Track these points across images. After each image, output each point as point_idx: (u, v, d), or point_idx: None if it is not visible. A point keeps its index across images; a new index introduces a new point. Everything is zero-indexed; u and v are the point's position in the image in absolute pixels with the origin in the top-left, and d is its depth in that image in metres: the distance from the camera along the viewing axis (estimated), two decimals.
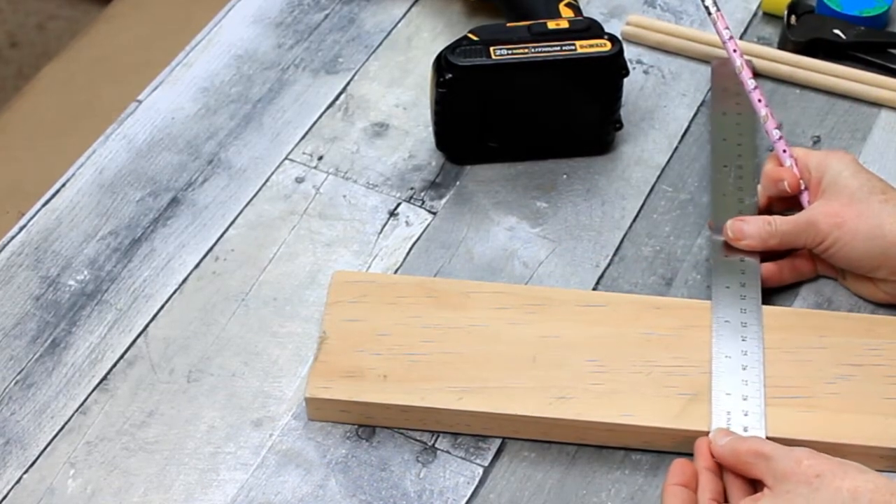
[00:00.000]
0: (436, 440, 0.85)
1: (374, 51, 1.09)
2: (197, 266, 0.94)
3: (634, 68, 1.07)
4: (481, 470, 0.84)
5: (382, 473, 0.84)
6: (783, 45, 1.08)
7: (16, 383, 0.88)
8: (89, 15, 1.97)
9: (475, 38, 0.96)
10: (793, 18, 1.08)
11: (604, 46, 0.96)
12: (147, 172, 1.00)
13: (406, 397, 0.84)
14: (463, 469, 0.84)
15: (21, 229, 0.97)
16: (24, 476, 0.84)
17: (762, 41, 1.10)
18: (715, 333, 0.87)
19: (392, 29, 1.11)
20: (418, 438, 0.85)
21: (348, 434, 0.85)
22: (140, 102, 1.05)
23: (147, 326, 0.91)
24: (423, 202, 0.99)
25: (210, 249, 0.96)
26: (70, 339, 0.90)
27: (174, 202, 0.98)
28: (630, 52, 1.06)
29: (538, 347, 0.87)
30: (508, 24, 0.98)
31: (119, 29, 1.16)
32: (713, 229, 0.93)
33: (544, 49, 0.95)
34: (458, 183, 1.00)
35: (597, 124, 1.00)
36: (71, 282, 0.93)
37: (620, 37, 1.05)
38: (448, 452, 0.85)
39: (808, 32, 1.07)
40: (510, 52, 0.95)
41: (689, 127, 1.04)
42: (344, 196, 0.99)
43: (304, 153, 1.02)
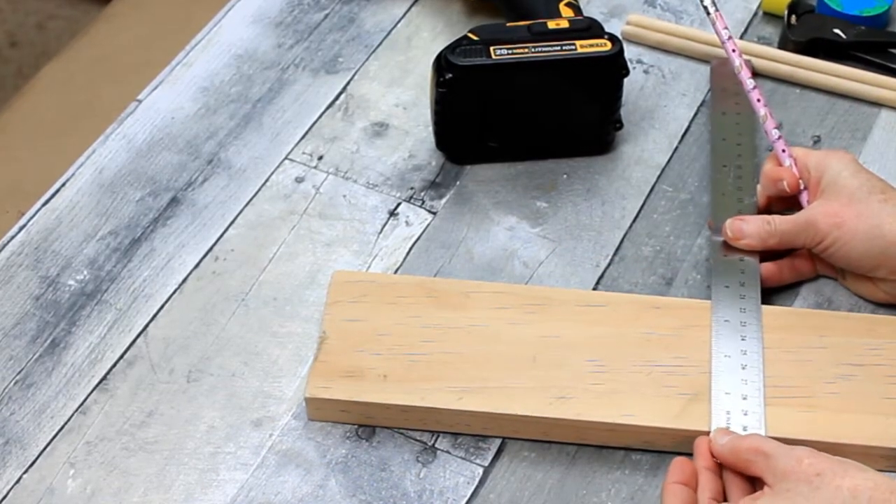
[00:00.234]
0: (436, 440, 0.85)
1: (374, 50, 1.09)
2: (197, 266, 0.94)
3: (634, 68, 1.07)
4: (481, 470, 0.84)
5: (382, 473, 0.84)
6: (783, 45, 1.08)
7: (15, 383, 0.88)
8: (89, 14, 1.97)
9: (475, 38, 0.96)
10: (793, 18, 1.08)
11: (604, 46, 0.95)
12: (147, 172, 1.00)
13: (406, 397, 0.84)
14: (463, 469, 0.84)
15: (21, 229, 0.97)
16: (24, 476, 0.84)
17: (762, 41, 1.09)
18: (714, 333, 0.87)
19: (392, 28, 1.11)
20: (418, 438, 0.85)
21: (348, 434, 0.85)
22: (140, 102, 1.05)
23: (147, 326, 0.91)
24: (423, 202, 0.98)
25: (210, 249, 0.95)
26: (70, 339, 0.90)
27: (174, 202, 0.98)
28: (630, 52, 1.06)
29: (538, 347, 0.87)
30: (508, 24, 0.98)
31: (119, 29, 1.15)
32: (713, 229, 0.93)
33: (544, 49, 0.95)
34: (458, 183, 1.00)
35: (597, 124, 1.00)
36: (71, 282, 0.93)
37: (620, 36, 1.05)
38: (448, 452, 0.85)
39: (809, 32, 1.07)
40: (510, 52, 0.95)
41: (690, 127, 1.04)
42: (344, 196, 0.99)
43: (304, 153, 1.02)
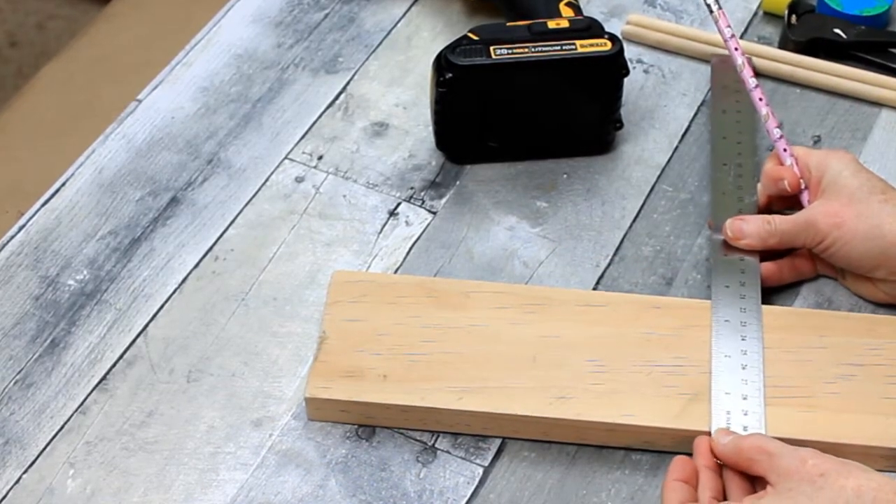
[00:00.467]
0: (436, 440, 0.85)
1: (374, 50, 1.09)
2: (196, 266, 0.94)
3: (635, 68, 1.07)
4: (481, 470, 0.84)
5: (382, 473, 0.84)
6: (784, 45, 1.08)
7: (15, 383, 0.88)
8: (89, 14, 1.97)
9: (475, 38, 0.96)
10: (793, 18, 1.08)
11: (604, 46, 0.95)
12: (147, 172, 1.00)
13: (406, 397, 0.84)
14: (463, 469, 0.84)
15: (20, 229, 0.96)
16: (24, 476, 0.84)
17: (762, 41, 1.09)
18: (715, 333, 0.87)
19: (392, 28, 1.11)
20: (418, 438, 0.85)
21: (348, 434, 0.85)
22: (140, 102, 1.05)
23: (147, 326, 0.91)
24: (423, 202, 0.98)
25: (210, 249, 0.95)
26: (69, 339, 0.90)
27: (174, 202, 0.98)
28: (630, 52, 1.06)
29: (538, 347, 0.87)
30: (508, 24, 0.98)
31: (119, 28, 1.15)
32: (713, 228, 0.93)
33: (544, 48, 0.95)
34: (458, 182, 1.00)
35: (597, 124, 1.00)
36: (70, 281, 0.93)
37: (621, 36, 1.05)
38: (448, 452, 0.85)
39: (809, 32, 1.07)
40: (510, 52, 0.95)
41: (690, 126, 1.04)
42: (344, 196, 0.99)
43: (304, 153, 1.02)
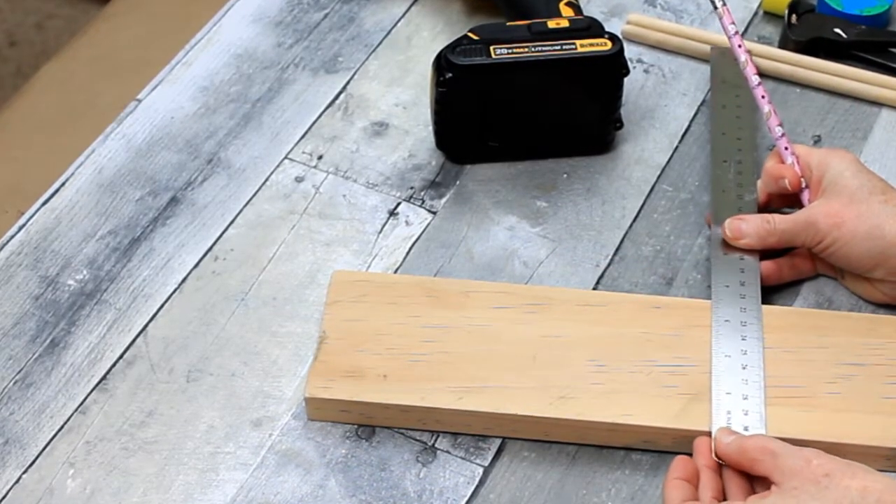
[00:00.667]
0: (436, 440, 0.85)
1: (374, 50, 1.09)
2: (196, 266, 0.94)
3: (635, 67, 1.07)
4: (481, 470, 0.84)
5: (382, 473, 0.83)
6: (784, 45, 1.08)
7: (15, 383, 0.88)
8: (88, 14, 1.97)
9: (475, 38, 0.96)
10: (793, 17, 1.08)
11: (604, 45, 0.95)
12: (146, 172, 1.00)
13: (406, 397, 0.84)
14: (463, 469, 0.84)
15: (20, 229, 0.96)
16: (24, 476, 0.83)
17: (763, 40, 1.09)
18: (715, 333, 0.87)
19: (392, 28, 1.11)
20: (418, 438, 0.85)
21: (348, 434, 0.85)
22: (139, 101, 1.05)
23: (146, 326, 0.91)
24: (423, 202, 0.98)
25: (209, 249, 0.95)
26: (69, 339, 0.90)
27: (173, 202, 0.98)
28: (630, 52, 1.06)
29: (538, 347, 0.86)
30: (508, 24, 0.97)
31: (118, 28, 1.15)
32: (711, 224, 0.93)
33: (544, 48, 0.95)
34: (458, 182, 1.00)
35: (597, 123, 1.00)
36: (70, 281, 0.93)
37: (621, 36, 1.05)
38: (448, 452, 0.85)
39: (809, 31, 1.07)
40: (510, 52, 0.95)
41: (690, 126, 1.04)
42: (344, 195, 0.99)
43: (304, 152, 1.02)
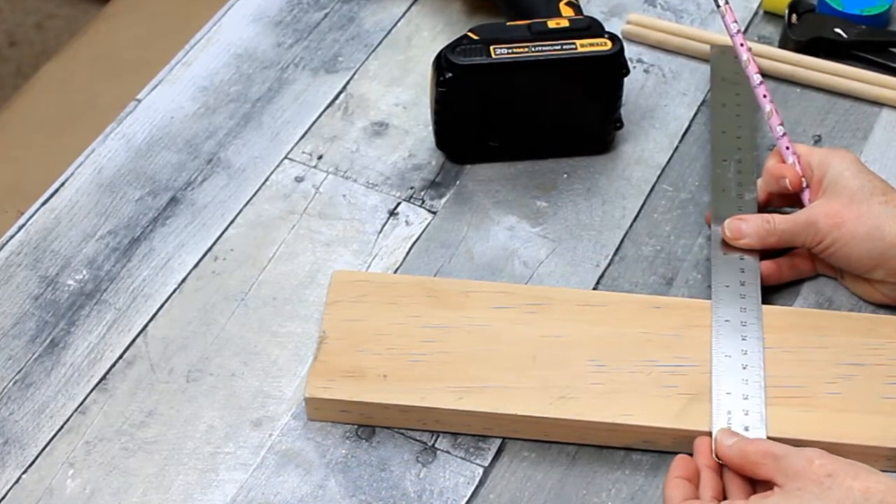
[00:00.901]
0: (436, 440, 0.85)
1: (374, 50, 1.09)
2: (196, 266, 0.94)
3: (635, 67, 1.07)
4: (481, 470, 0.84)
5: (382, 473, 0.83)
6: (784, 44, 1.08)
7: (14, 383, 0.88)
8: (88, 14, 1.97)
9: (475, 37, 0.96)
10: (794, 17, 1.08)
11: (604, 45, 0.95)
12: (146, 172, 1.00)
13: (406, 397, 0.84)
14: (463, 469, 0.84)
15: (20, 229, 0.96)
16: (23, 476, 0.83)
17: (763, 40, 1.09)
18: (715, 333, 0.87)
19: (392, 28, 1.11)
20: (418, 438, 0.85)
21: (348, 434, 0.85)
22: (139, 101, 1.05)
23: (146, 326, 0.91)
24: (423, 202, 0.98)
25: (209, 249, 0.95)
26: (69, 339, 0.90)
27: (173, 201, 0.98)
28: (630, 51, 1.06)
29: (538, 347, 0.86)
30: (508, 23, 0.97)
31: (118, 28, 1.15)
32: (712, 223, 0.93)
33: (544, 48, 0.95)
34: (458, 182, 1.00)
35: (597, 123, 1.00)
36: (70, 281, 0.93)
37: (621, 36, 1.05)
38: (448, 452, 0.85)
39: (809, 31, 1.07)
40: (510, 51, 0.95)
41: (690, 126, 1.04)
42: (343, 195, 0.99)
43: (304, 152, 1.02)
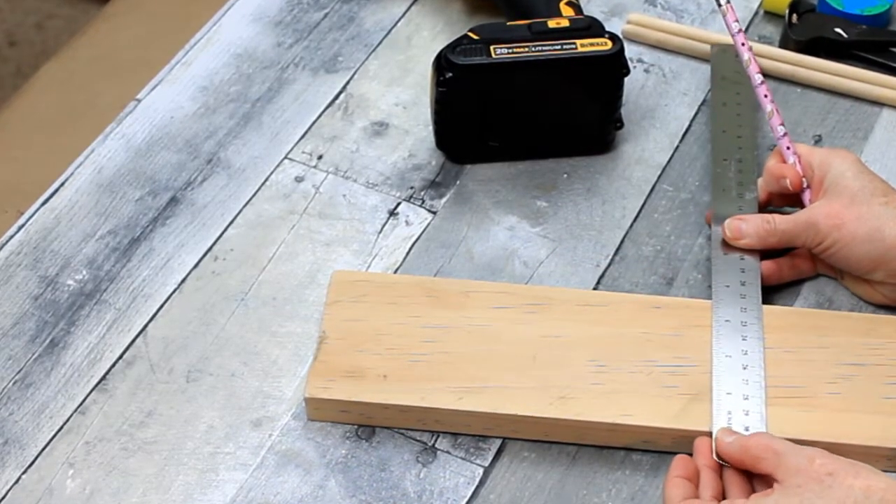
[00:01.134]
0: (436, 440, 0.85)
1: (374, 49, 1.09)
2: (196, 266, 0.94)
3: (635, 67, 1.07)
4: (481, 470, 0.84)
5: (382, 473, 0.83)
6: (784, 44, 1.08)
7: (14, 383, 0.88)
8: (88, 14, 1.97)
9: (475, 37, 0.96)
10: (794, 17, 1.08)
11: (604, 45, 0.95)
12: (146, 172, 1.00)
13: (406, 397, 0.84)
14: (463, 469, 0.84)
15: (20, 229, 0.96)
16: (23, 476, 0.83)
17: (763, 40, 1.09)
18: (715, 333, 0.87)
19: (392, 28, 1.10)
20: (418, 438, 0.85)
21: (348, 434, 0.85)
22: (139, 101, 1.05)
23: (146, 326, 0.91)
24: (423, 201, 0.98)
25: (209, 249, 0.95)
26: (69, 339, 0.90)
27: (173, 201, 0.98)
28: (631, 51, 1.06)
29: (538, 347, 0.86)
30: (509, 23, 0.97)
31: (118, 28, 1.15)
32: (712, 223, 0.93)
33: (545, 48, 0.95)
34: (458, 182, 1.00)
35: (597, 123, 1.00)
36: (70, 281, 0.93)
37: (621, 35, 1.05)
38: (448, 452, 0.84)
39: (810, 31, 1.07)
40: (510, 51, 0.95)
41: (690, 126, 1.04)
42: (343, 195, 0.99)
43: (304, 152, 1.01)
